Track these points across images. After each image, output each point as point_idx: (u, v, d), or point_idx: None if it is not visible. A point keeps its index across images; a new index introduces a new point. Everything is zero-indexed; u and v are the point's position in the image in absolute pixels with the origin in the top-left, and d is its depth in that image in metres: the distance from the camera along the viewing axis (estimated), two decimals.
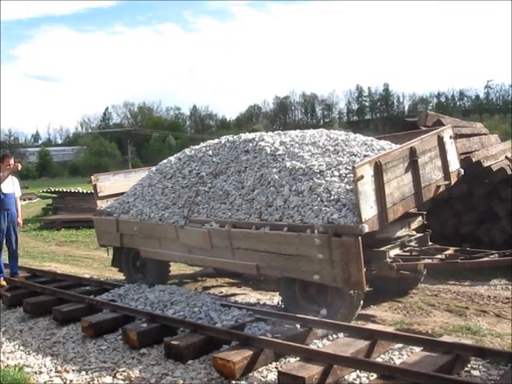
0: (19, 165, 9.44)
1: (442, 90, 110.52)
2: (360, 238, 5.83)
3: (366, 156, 7.04)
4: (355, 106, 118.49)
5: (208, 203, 7.65)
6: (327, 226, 6.07)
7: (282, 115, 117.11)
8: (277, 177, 7.05)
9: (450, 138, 7.72)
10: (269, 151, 7.57)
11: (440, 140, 7.46)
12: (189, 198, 7.91)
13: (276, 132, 8.49)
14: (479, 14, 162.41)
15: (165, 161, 9.37)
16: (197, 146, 9.03)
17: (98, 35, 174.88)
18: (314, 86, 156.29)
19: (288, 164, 7.14)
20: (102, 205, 9.58)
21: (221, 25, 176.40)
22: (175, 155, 9.39)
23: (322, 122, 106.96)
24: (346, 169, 6.78)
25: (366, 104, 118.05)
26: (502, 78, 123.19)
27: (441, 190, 7.50)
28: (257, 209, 6.95)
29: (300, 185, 6.78)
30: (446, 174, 7.55)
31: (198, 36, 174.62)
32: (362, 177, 5.90)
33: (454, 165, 7.75)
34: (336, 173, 6.75)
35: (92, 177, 9.65)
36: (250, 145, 7.96)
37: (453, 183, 7.75)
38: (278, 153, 7.52)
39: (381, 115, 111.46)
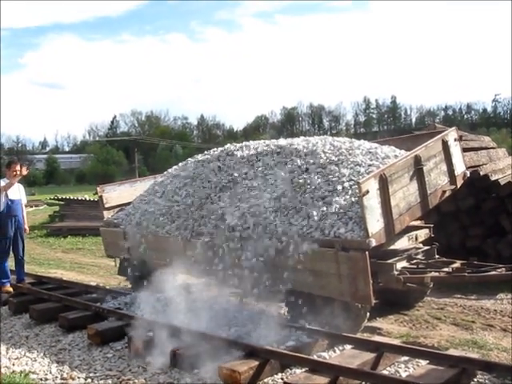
0: (24, 168, 9.43)
1: (449, 103, 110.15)
2: (367, 252, 5.83)
3: (370, 165, 6.99)
4: (362, 118, 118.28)
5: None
6: (334, 240, 6.07)
7: (289, 126, 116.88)
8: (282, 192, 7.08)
9: (455, 140, 7.66)
10: (272, 163, 7.59)
11: (444, 144, 7.42)
12: (194, 211, 7.89)
13: (280, 140, 8.49)
14: (488, 29, 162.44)
15: (170, 171, 9.40)
16: (200, 157, 9.10)
17: (105, 44, 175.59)
18: (321, 98, 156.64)
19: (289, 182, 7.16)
20: (108, 215, 9.59)
21: (228, 35, 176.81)
22: (180, 164, 9.43)
23: (329, 133, 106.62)
24: (351, 180, 6.73)
25: (374, 116, 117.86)
26: (510, 92, 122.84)
27: (447, 194, 7.46)
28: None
29: (305, 199, 6.78)
30: (452, 178, 7.50)
31: (205, 46, 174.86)
32: (368, 192, 5.86)
33: (460, 168, 7.70)
34: (339, 186, 6.70)
35: (98, 188, 9.67)
36: (254, 157, 8.00)
37: (459, 186, 7.70)
38: (282, 164, 7.54)
39: (388, 127, 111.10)
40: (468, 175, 7.91)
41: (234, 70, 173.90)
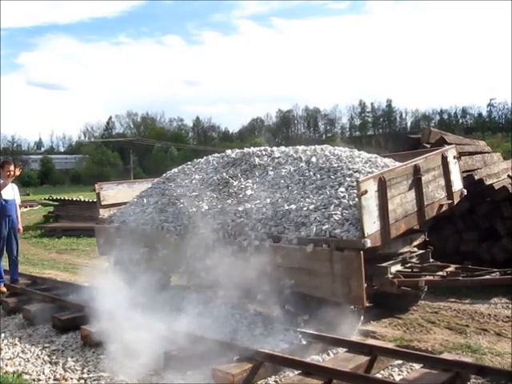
0: (17, 169, 9.37)
1: (444, 107, 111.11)
2: (362, 252, 5.83)
3: (369, 173, 7.03)
4: (358, 122, 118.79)
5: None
6: (329, 239, 6.08)
7: (284, 129, 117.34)
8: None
9: (454, 158, 7.77)
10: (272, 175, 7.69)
11: (444, 159, 7.51)
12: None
13: (282, 148, 8.64)
14: (483, 34, 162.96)
15: (170, 173, 9.42)
16: (200, 162, 9.18)
17: (102, 45, 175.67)
18: (317, 101, 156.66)
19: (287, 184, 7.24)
20: (104, 213, 9.59)
21: (224, 38, 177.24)
22: (179, 168, 9.46)
23: (324, 136, 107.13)
24: (349, 186, 6.79)
25: (369, 120, 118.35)
26: (505, 97, 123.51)
27: (443, 209, 7.52)
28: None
29: (302, 201, 6.81)
30: (449, 194, 7.58)
31: (201, 48, 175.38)
32: (366, 191, 5.90)
33: (457, 185, 7.79)
34: (338, 190, 6.76)
35: (96, 185, 9.67)
36: (255, 162, 8.10)
37: (455, 203, 7.77)
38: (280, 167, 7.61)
39: (383, 131, 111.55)
40: (465, 193, 7.99)
41: (229, 72, 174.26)
